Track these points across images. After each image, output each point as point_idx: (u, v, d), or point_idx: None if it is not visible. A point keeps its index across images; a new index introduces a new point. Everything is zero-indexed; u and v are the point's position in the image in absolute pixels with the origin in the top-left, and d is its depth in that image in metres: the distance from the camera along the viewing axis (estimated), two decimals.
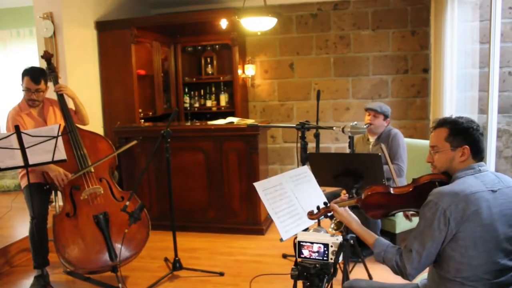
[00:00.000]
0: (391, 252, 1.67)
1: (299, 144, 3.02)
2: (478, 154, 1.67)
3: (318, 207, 1.91)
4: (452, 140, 1.67)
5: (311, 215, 1.92)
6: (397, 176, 3.00)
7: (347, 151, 2.92)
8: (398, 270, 1.63)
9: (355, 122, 2.84)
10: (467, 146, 1.64)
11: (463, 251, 1.54)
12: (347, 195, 1.95)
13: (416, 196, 1.73)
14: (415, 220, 1.90)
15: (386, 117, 3.47)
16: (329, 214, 1.92)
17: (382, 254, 1.69)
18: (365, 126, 3.17)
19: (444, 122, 1.71)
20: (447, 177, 1.71)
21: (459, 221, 1.52)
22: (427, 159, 1.77)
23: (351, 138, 2.85)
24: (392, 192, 1.77)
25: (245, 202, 4.12)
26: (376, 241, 1.73)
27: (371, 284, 1.96)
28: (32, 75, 3.04)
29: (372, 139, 3.56)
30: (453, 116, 1.74)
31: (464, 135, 1.66)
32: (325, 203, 1.91)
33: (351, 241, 2.69)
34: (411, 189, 1.75)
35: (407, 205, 1.80)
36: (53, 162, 2.77)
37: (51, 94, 3.23)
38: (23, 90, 3.09)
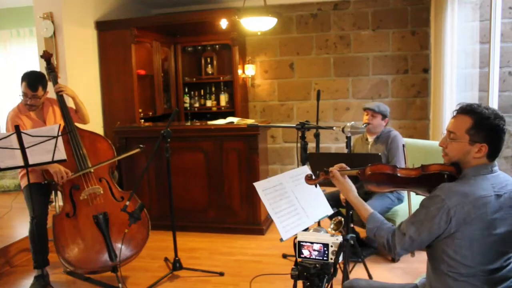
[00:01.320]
0: (384, 229, 1.67)
1: (299, 144, 3.02)
2: (494, 154, 1.59)
3: (317, 173, 1.89)
4: (474, 134, 1.56)
5: (309, 179, 1.91)
6: None
7: (345, 151, 2.93)
8: (388, 247, 1.64)
9: (353, 122, 2.85)
10: (486, 145, 1.55)
11: (457, 249, 1.54)
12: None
13: (421, 181, 1.69)
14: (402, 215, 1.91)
15: (384, 116, 3.47)
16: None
17: (374, 230, 1.69)
18: (363, 126, 3.17)
19: (470, 111, 1.58)
20: (456, 170, 1.64)
21: (460, 223, 1.51)
22: (440, 143, 1.68)
23: (348, 138, 2.86)
24: (398, 174, 1.72)
25: (245, 202, 4.11)
26: (370, 216, 1.73)
27: (371, 284, 1.95)
28: (30, 81, 2.99)
29: (371, 139, 3.56)
30: (481, 106, 1.59)
31: (487, 132, 1.55)
32: (325, 170, 1.88)
33: (351, 241, 2.69)
34: (418, 175, 1.69)
35: (408, 187, 1.77)
36: (53, 162, 2.77)
37: (51, 93, 3.22)
38: (20, 95, 3.06)
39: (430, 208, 1.56)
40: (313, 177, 1.91)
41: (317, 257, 1.75)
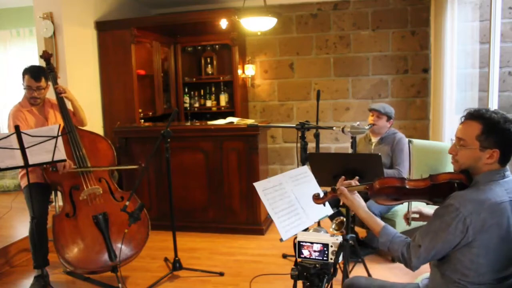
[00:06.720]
0: (397, 243, 1.64)
1: (299, 144, 3.02)
2: (506, 158, 1.54)
3: (325, 192, 1.89)
4: (484, 140, 1.52)
5: (317, 198, 1.90)
6: None
7: (350, 151, 2.92)
8: (403, 260, 1.61)
9: (358, 123, 2.84)
10: (497, 150, 1.51)
11: (474, 258, 1.51)
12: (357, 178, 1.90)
13: (431, 192, 1.66)
14: (413, 223, 1.90)
15: (389, 118, 3.49)
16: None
17: (388, 244, 1.66)
18: (367, 127, 3.17)
19: (479, 116, 1.54)
20: (467, 177, 1.60)
21: (478, 230, 1.47)
22: (450, 150, 1.64)
23: (353, 138, 2.86)
24: (407, 186, 1.70)
25: (245, 202, 4.11)
26: (382, 229, 1.70)
27: (372, 282, 1.95)
28: (32, 73, 3.06)
29: (374, 140, 3.56)
30: (490, 110, 1.55)
31: (498, 138, 1.51)
32: (332, 188, 1.87)
33: (351, 241, 2.69)
34: (427, 186, 1.66)
35: (418, 198, 1.73)
36: (53, 162, 2.77)
37: (51, 94, 3.22)
38: (24, 89, 3.10)
39: (445, 218, 1.51)
40: (321, 195, 1.89)
41: (317, 257, 1.75)
